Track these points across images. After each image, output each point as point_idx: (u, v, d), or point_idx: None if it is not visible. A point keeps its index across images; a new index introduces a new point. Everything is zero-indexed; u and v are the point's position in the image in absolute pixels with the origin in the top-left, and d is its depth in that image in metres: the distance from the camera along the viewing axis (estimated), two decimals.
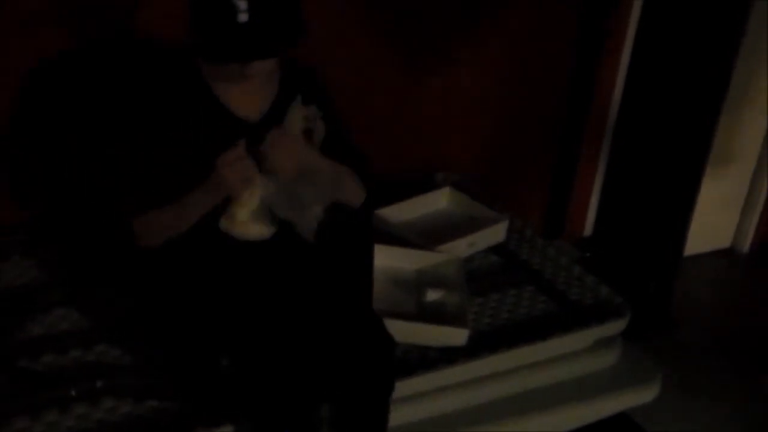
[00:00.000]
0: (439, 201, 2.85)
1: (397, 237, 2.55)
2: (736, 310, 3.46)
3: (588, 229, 3.73)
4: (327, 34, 2.65)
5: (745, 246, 3.81)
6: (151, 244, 1.94)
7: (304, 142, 1.91)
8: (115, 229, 1.99)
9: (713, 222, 3.73)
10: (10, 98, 2.46)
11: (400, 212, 2.70)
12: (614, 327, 2.42)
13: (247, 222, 1.91)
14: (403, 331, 2.10)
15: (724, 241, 3.84)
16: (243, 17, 1.74)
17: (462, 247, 2.57)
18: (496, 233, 2.68)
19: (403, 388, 2.01)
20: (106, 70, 2.50)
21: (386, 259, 2.43)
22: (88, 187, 2.48)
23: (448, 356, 2.17)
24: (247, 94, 1.94)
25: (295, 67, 2.03)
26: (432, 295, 2.34)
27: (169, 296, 2.05)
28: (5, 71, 2.41)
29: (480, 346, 2.21)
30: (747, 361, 3.06)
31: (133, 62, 2.45)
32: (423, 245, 2.52)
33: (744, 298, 3.55)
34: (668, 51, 3.55)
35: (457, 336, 2.19)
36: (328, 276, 2.02)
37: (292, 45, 1.83)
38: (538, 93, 3.30)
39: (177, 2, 1.89)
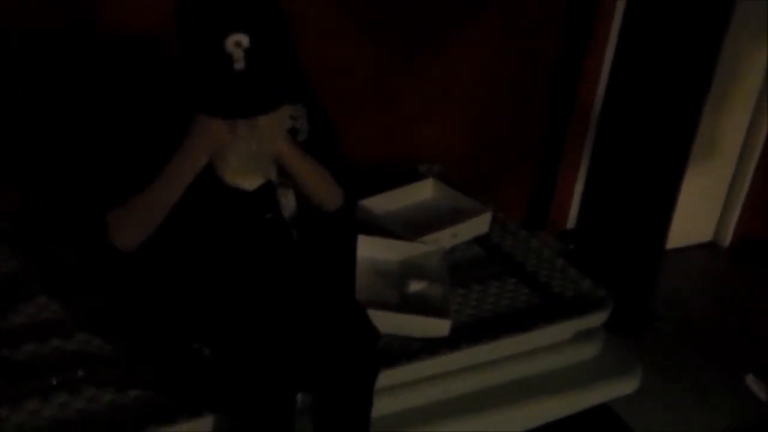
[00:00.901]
0: (422, 192, 2.85)
1: (381, 228, 2.55)
2: (717, 303, 3.48)
3: (571, 221, 3.75)
4: (312, 26, 2.65)
5: (727, 240, 3.83)
6: (127, 242, 1.88)
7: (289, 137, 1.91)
8: (97, 228, 1.93)
9: (695, 216, 3.75)
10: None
11: (383, 203, 2.70)
12: (596, 319, 2.43)
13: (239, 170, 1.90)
14: (385, 322, 2.10)
15: (705, 235, 3.86)
16: (239, 67, 1.68)
17: (445, 238, 2.57)
18: (479, 225, 2.69)
19: (385, 378, 2.02)
20: (111, 69, 2.49)
21: (369, 249, 2.43)
22: (87, 187, 2.46)
23: (430, 347, 2.17)
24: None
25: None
26: (415, 286, 2.35)
27: (150, 285, 2.05)
28: None
29: (462, 337, 2.22)
30: (727, 354, 3.08)
31: (132, 59, 2.44)
32: (406, 236, 2.52)
33: (725, 292, 3.58)
34: (652, 46, 3.57)
35: (439, 327, 2.20)
36: (311, 266, 2.02)
37: (288, 100, 1.81)
38: (523, 86, 3.31)
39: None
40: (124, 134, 1.93)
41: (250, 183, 1.94)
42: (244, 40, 1.66)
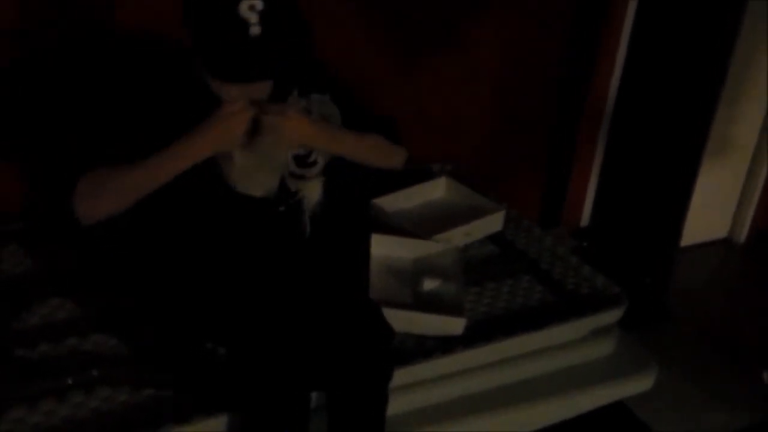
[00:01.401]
0: (436, 191, 2.85)
1: (394, 226, 2.54)
2: (732, 300, 3.46)
3: (585, 219, 3.74)
4: (323, 27, 2.63)
5: (742, 236, 3.81)
6: (89, 214, 1.81)
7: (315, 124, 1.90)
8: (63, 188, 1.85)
9: (710, 212, 3.74)
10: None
11: (396, 202, 2.70)
12: (611, 316, 2.42)
13: (249, 171, 1.88)
14: (400, 321, 2.10)
15: (720, 232, 3.85)
16: (254, 32, 1.68)
17: (459, 236, 2.57)
18: (493, 223, 2.68)
19: (400, 376, 2.01)
20: (105, 66, 2.48)
21: (383, 248, 2.43)
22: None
23: (445, 345, 2.17)
24: (242, 89, 1.91)
25: (298, 62, 2.02)
26: (429, 285, 2.34)
27: (165, 283, 2.05)
28: None
29: (477, 335, 2.21)
30: (743, 352, 3.06)
31: (132, 59, 2.43)
32: (420, 235, 2.51)
33: (740, 288, 3.56)
34: (665, 42, 3.55)
35: (454, 325, 2.19)
36: (325, 265, 2.02)
37: (296, 64, 1.80)
38: (535, 84, 3.30)
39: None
40: (121, 130, 1.91)
41: (258, 187, 1.93)
42: (258, 3, 1.67)
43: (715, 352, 3.05)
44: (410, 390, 2.13)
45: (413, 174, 2.86)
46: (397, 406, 2.05)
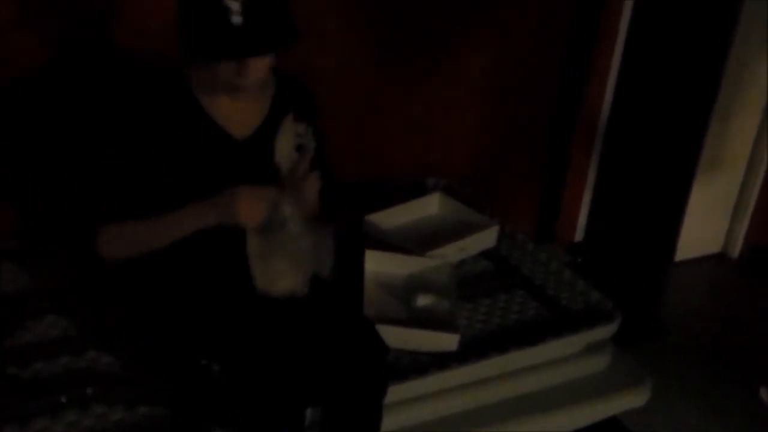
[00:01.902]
0: (429, 206, 2.86)
1: (388, 242, 2.55)
2: (726, 314, 3.47)
3: (579, 234, 3.74)
4: (316, 41, 2.65)
5: (736, 251, 3.82)
6: (112, 257, 1.92)
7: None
8: (81, 236, 1.95)
9: (704, 227, 3.75)
10: None
11: (390, 217, 2.70)
12: (605, 332, 2.42)
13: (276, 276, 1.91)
14: (394, 337, 2.10)
15: (714, 246, 3.85)
16: (237, 16, 1.72)
17: (453, 252, 2.57)
18: (487, 238, 2.69)
19: (395, 393, 2.01)
20: (90, 79, 2.48)
21: (377, 264, 2.44)
22: (67, 195, 2.45)
23: (439, 361, 2.17)
24: (238, 110, 1.92)
25: (291, 85, 2.03)
26: (423, 301, 2.35)
27: (157, 302, 2.04)
28: None
29: (471, 351, 2.21)
30: (738, 366, 3.06)
31: (118, 72, 2.43)
32: (414, 250, 2.52)
33: (734, 303, 3.56)
34: (658, 56, 3.57)
35: (448, 341, 2.20)
36: (319, 281, 2.02)
37: (286, 45, 1.82)
38: (529, 98, 3.31)
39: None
40: (107, 145, 1.91)
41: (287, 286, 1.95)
42: None
43: (709, 367, 3.05)
44: (405, 406, 2.13)
45: (407, 189, 2.88)
46: (391, 422, 2.05)
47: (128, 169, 1.86)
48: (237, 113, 1.92)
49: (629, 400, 2.46)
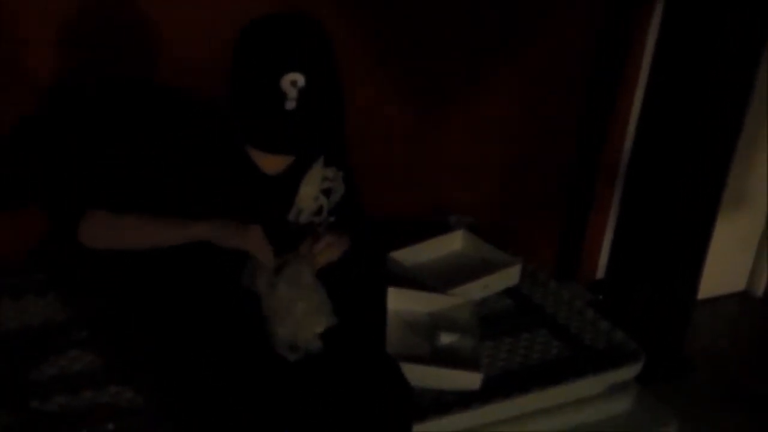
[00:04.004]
0: (452, 244, 2.85)
1: (411, 280, 2.55)
2: (752, 352, 3.43)
3: (600, 271, 3.72)
4: (348, 82, 2.67)
5: (760, 289, 3.79)
6: (93, 243, 1.92)
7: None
8: (68, 213, 1.95)
9: (727, 265, 3.72)
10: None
11: (413, 255, 2.70)
12: (628, 372, 2.40)
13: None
14: (416, 375, 2.09)
15: (738, 285, 3.83)
16: (290, 106, 1.73)
17: (475, 290, 2.56)
18: (509, 276, 2.68)
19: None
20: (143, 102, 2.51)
21: (399, 302, 2.43)
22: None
23: (462, 400, 2.15)
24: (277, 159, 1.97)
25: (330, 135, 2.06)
26: (445, 339, 2.34)
27: (179, 338, 2.04)
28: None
29: (494, 390, 2.20)
30: (762, 406, 3.02)
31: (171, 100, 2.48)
32: (436, 288, 2.51)
33: (759, 341, 3.53)
34: (680, 93, 3.56)
35: (470, 380, 2.18)
36: (342, 319, 2.02)
37: (332, 141, 1.84)
38: (551, 137, 3.32)
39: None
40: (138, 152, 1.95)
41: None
42: (300, 79, 1.70)
43: (735, 407, 3.01)
44: None
45: (430, 227, 2.88)
46: None
47: (147, 170, 1.89)
48: (275, 161, 1.96)
49: None
